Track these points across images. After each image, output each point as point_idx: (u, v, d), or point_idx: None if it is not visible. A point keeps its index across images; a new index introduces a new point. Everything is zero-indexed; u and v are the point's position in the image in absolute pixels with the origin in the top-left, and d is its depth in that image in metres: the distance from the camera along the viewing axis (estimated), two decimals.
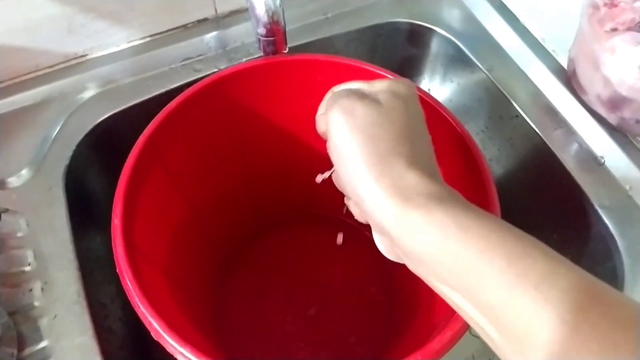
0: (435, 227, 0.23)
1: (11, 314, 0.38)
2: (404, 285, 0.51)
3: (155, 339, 0.30)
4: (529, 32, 0.56)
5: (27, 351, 0.37)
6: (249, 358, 0.49)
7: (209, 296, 0.50)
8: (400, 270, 0.52)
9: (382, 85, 0.30)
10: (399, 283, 0.52)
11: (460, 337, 0.31)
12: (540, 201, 0.53)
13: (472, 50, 0.56)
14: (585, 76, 0.48)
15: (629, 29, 0.43)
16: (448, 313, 0.33)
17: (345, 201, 0.35)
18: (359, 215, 0.33)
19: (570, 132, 0.49)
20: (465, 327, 0.30)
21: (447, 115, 0.39)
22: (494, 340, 0.23)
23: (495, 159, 0.57)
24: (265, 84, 0.42)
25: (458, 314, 0.31)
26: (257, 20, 0.38)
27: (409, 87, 0.31)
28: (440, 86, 0.62)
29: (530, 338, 0.20)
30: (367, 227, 0.57)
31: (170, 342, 0.29)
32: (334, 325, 0.52)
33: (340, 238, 0.57)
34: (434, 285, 0.26)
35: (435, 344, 0.30)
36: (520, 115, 0.51)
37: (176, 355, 0.29)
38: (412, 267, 0.27)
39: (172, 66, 0.51)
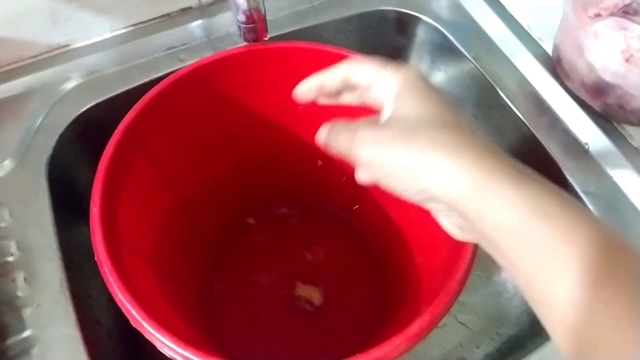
0: (514, 208, 0.22)
1: None
2: (391, 277, 0.51)
3: (134, 326, 0.30)
4: (515, 20, 0.56)
5: (10, 341, 0.37)
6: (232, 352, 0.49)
7: (199, 287, 0.50)
8: (388, 262, 0.52)
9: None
10: (386, 274, 0.52)
11: (438, 322, 0.31)
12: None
13: (458, 39, 0.56)
14: (569, 63, 0.48)
15: (612, 14, 0.43)
16: (429, 300, 0.33)
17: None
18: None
19: (555, 119, 0.49)
20: (444, 312, 0.31)
21: None
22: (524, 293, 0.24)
23: None
24: (247, 72, 0.42)
25: (438, 300, 0.31)
26: (237, 7, 0.38)
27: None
28: (427, 75, 0.62)
29: None
30: (355, 219, 0.57)
31: (148, 329, 0.29)
32: (323, 316, 0.52)
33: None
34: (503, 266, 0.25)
35: (414, 327, 0.30)
36: (507, 104, 0.51)
37: (155, 343, 0.29)
38: (487, 247, 0.26)
39: (156, 55, 0.51)
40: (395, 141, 0.26)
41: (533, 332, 0.51)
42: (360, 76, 0.30)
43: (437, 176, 0.24)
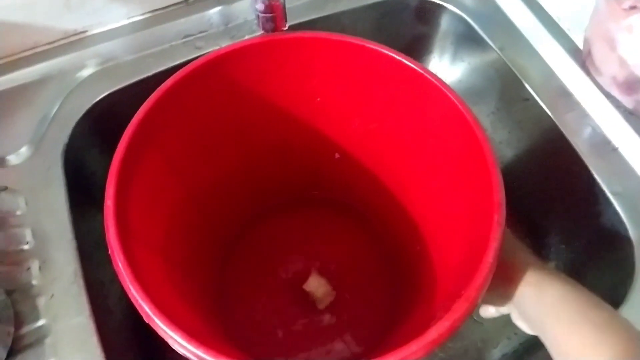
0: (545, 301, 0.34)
1: (9, 292, 0.38)
2: (405, 274, 0.50)
3: (146, 322, 0.30)
4: (543, 9, 0.54)
5: (24, 330, 0.37)
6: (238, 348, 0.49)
7: (210, 279, 0.50)
8: (403, 257, 0.51)
9: None
10: (400, 271, 0.51)
11: (457, 329, 0.30)
12: (551, 186, 0.51)
13: (484, 29, 0.54)
14: (600, 57, 0.46)
15: None
16: (447, 303, 0.32)
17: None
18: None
19: (583, 115, 0.48)
20: (463, 319, 0.30)
21: (451, 96, 0.38)
22: None
23: (505, 142, 0.55)
24: (264, 63, 0.41)
25: (458, 304, 0.30)
26: None
27: None
28: (450, 66, 0.60)
29: None
30: (370, 212, 0.56)
31: (161, 326, 0.29)
32: (335, 311, 0.51)
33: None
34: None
35: (432, 333, 0.29)
36: (532, 97, 0.50)
37: (167, 339, 0.29)
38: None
39: (173, 43, 0.50)
40: None
41: None
42: None
43: None
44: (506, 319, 0.54)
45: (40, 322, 0.37)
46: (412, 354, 0.28)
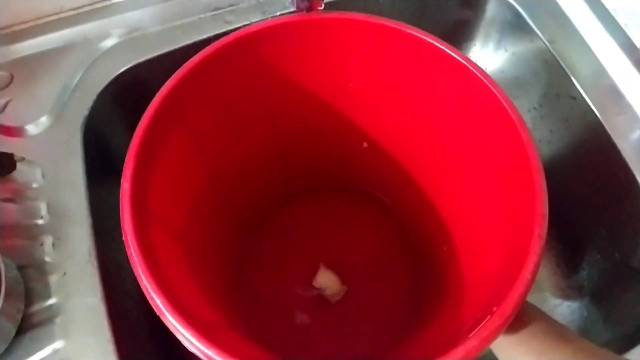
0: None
1: (21, 267, 0.37)
2: (429, 274, 0.48)
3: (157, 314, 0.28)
4: (599, 0, 0.50)
5: (35, 307, 0.36)
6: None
7: (227, 266, 0.48)
8: (428, 256, 0.49)
9: None
10: (424, 270, 0.49)
11: (487, 346, 0.28)
12: (592, 192, 0.48)
13: (532, 17, 0.50)
14: None
15: None
16: (477, 315, 0.30)
17: None
18: None
19: (635, 120, 0.44)
20: (496, 336, 0.27)
21: (494, 90, 0.35)
22: None
23: (545, 140, 0.52)
24: (297, 44, 0.39)
25: (490, 321, 0.28)
26: None
27: None
28: (492, 55, 0.57)
29: None
30: (396, 206, 0.54)
31: (171, 321, 0.27)
32: (356, 305, 0.49)
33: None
34: None
35: (459, 352, 0.27)
36: (580, 95, 0.46)
37: (177, 335, 0.28)
38: None
39: (202, 16, 0.48)
40: None
41: None
42: None
43: None
44: None
45: (51, 301, 0.36)
46: None
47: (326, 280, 0.49)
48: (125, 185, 0.31)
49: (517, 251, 0.31)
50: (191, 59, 0.35)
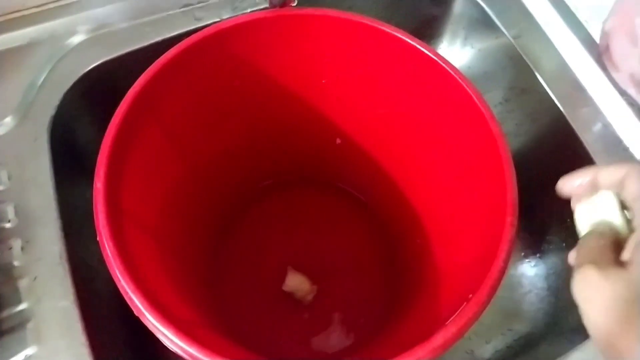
0: None
1: None
2: (404, 267, 0.48)
3: (136, 315, 0.28)
4: None
5: (5, 313, 0.35)
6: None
7: (204, 264, 0.48)
8: (401, 251, 0.50)
9: None
10: (402, 261, 0.50)
11: (466, 332, 0.28)
12: (555, 181, 0.50)
13: (498, 15, 0.52)
14: (619, 52, 0.44)
15: None
16: (454, 304, 0.31)
17: None
18: None
19: (595, 112, 0.46)
20: (473, 322, 0.28)
21: (464, 84, 0.36)
22: None
23: (512, 134, 0.53)
24: (271, 39, 0.39)
25: (467, 308, 0.29)
26: None
27: None
28: (460, 51, 0.58)
29: None
30: (370, 201, 0.54)
31: (152, 321, 0.27)
32: (331, 302, 0.50)
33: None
34: None
35: (438, 339, 0.27)
36: (544, 89, 0.48)
37: (158, 336, 0.27)
38: None
39: (171, 12, 0.47)
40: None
41: (548, 333, 0.49)
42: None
43: None
44: (500, 316, 0.53)
45: (22, 306, 0.35)
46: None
47: (295, 283, 0.49)
48: (99, 184, 0.31)
49: (490, 240, 0.32)
50: (164, 55, 0.35)
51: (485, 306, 0.29)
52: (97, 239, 0.30)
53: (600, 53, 0.47)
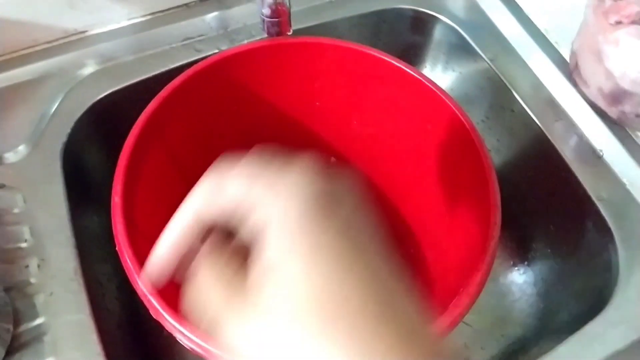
0: None
1: (7, 289, 0.38)
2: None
3: (154, 317, 0.30)
4: (532, 22, 0.56)
5: (23, 327, 0.37)
6: None
7: None
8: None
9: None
10: None
11: (457, 324, 0.31)
12: (538, 192, 0.53)
13: (475, 40, 0.56)
14: (587, 68, 0.48)
15: (633, 22, 0.43)
16: (445, 301, 0.33)
17: None
18: None
19: (570, 125, 0.50)
20: (464, 313, 0.31)
21: (448, 102, 0.39)
22: None
23: (494, 149, 0.57)
24: (268, 66, 0.42)
25: (457, 300, 0.31)
26: (262, 0, 0.38)
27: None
28: (442, 75, 0.62)
29: None
30: None
31: (170, 320, 0.29)
32: None
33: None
34: None
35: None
36: (521, 106, 0.51)
37: (175, 334, 0.29)
38: None
39: (173, 45, 0.51)
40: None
41: (539, 335, 0.51)
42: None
43: None
44: (493, 323, 0.56)
45: (39, 320, 0.37)
46: None
47: None
48: (117, 198, 0.33)
49: (476, 240, 0.34)
50: (172, 81, 0.38)
51: (475, 298, 0.31)
52: (107, 251, 0.32)
53: (570, 71, 0.51)
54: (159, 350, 0.49)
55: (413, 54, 0.62)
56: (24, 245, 0.40)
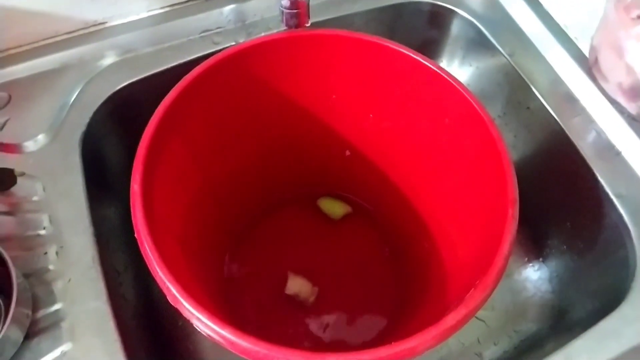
0: None
1: (26, 276, 0.38)
2: (412, 272, 0.51)
3: (172, 304, 0.30)
4: (552, 17, 0.55)
5: (41, 313, 0.37)
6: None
7: (220, 268, 0.51)
8: (408, 256, 0.52)
9: None
10: (408, 264, 0.52)
11: (474, 315, 0.31)
12: (556, 189, 0.53)
13: (493, 34, 0.55)
14: (607, 64, 0.47)
15: None
16: (461, 294, 0.33)
17: None
18: None
19: (589, 121, 0.49)
20: (481, 305, 0.31)
21: (467, 96, 0.39)
22: None
23: (511, 145, 0.56)
24: (285, 58, 0.42)
25: (475, 292, 0.31)
26: None
27: None
28: (458, 70, 0.62)
29: None
30: (377, 210, 0.57)
31: (187, 307, 0.29)
32: (341, 302, 0.52)
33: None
34: None
35: (449, 320, 0.30)
36: (540, 101, 0.51)
37: (192, 320, 0.30)
38: None
39: (191, 37, 0.51)
40: None
41: (553, 332, 0.51)
42: None
43: None
44: (506, 319, 0.55)
45: (57, 306, 0.38)
46: (431, 339, 0.29)
47: (296, 286, 0.51)
48: (136, 186, 0.33)
49: (493, 234, 0.34)
50: (190, 72, 0.38)
51: (491, 291, 0.31)
52: (125, 240, 0.33)
53: (590, 66, 0.50)
54: (173, 341, 0.50)
55: (430, 48, 0.61)
56: (42, 232, 0.41)
